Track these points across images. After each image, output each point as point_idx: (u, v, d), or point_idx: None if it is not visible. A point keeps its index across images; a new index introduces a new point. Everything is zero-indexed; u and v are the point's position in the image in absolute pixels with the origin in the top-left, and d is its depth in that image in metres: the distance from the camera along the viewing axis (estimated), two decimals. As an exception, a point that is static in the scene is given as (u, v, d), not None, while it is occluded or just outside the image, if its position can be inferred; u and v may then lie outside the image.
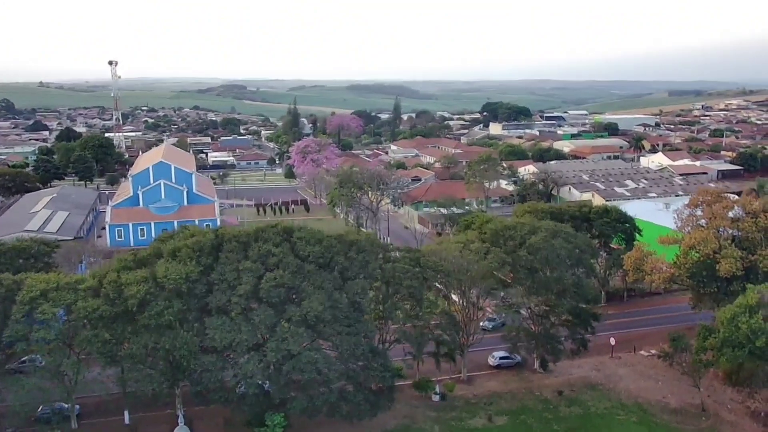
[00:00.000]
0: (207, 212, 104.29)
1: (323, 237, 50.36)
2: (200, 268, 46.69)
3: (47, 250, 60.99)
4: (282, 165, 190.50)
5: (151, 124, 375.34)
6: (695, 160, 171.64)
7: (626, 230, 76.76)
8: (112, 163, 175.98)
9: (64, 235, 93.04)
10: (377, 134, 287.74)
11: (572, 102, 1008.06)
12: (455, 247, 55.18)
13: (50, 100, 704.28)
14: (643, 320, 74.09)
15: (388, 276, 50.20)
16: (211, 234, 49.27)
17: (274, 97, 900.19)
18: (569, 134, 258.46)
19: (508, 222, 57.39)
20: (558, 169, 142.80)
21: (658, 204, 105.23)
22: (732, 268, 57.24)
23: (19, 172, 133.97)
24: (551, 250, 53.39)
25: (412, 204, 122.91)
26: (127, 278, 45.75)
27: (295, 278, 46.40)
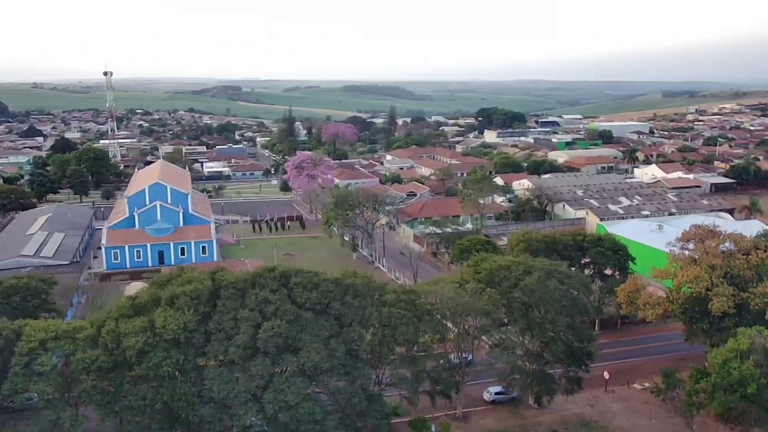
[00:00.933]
0: (203, 233, 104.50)
1: (320, 281, 50.87)
2: (198, 317, 47.04)
3: (44, 287, 61.14)
4: (278, 176, 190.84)
5: (146, 129, 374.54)
6: (689, 172, 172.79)
7: (619, 259, 77.26)
8: (107, 175, 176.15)
9: (60, 260, 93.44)
10: (372, 141, 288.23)
11: (566, 103, 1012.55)
12: (451, 287, 55.66)
13: (44, 101, 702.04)
14: (637, 350, 74.81)
15: (385, 321, 50.80)
16: (209, 281, 49.57)
17: (269, 98, 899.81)
18: (563, 142, 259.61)
19: (503, 262, 57.82)
20: (552, 184, 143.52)
21: (651, 224, 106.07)
22: (723, 306, 57.91)
23: (15, 189, 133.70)
24: (545, 291, 53.88)
25: (408, 222, 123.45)
26: (125, 328, 46.05)
27: (293, 327, 46.86)
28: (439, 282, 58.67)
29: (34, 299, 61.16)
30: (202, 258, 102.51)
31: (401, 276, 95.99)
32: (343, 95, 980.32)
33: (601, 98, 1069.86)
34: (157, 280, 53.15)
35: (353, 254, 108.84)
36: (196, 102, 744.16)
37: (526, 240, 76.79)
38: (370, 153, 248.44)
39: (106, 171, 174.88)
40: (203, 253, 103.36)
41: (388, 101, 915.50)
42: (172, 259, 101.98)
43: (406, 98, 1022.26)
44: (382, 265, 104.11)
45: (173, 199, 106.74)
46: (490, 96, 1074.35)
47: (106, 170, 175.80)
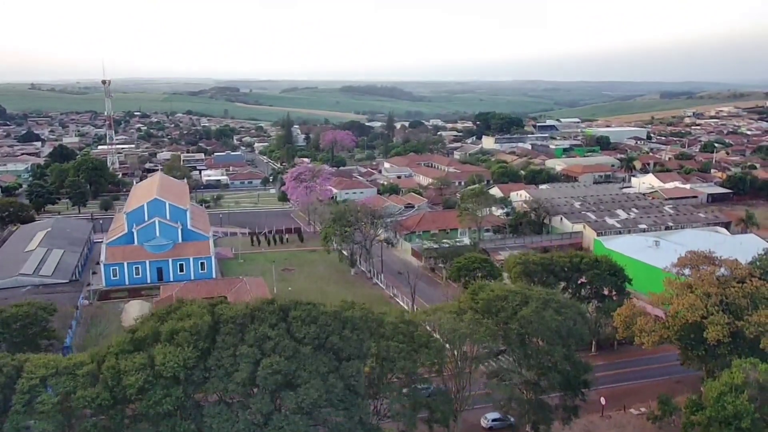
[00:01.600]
0: (202, 250, 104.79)
1: (319, 314, 51.27)
2: (198, 353, 47.46)
3: (44, 315, 61.51)
4: (276, 185, 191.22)
5: (144, 133, 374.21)
6: (686, 181, 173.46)
7: (616, 281, 77.69)
8: (105, 185, 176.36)
9: (59, 278, 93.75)
10: (371, 147, 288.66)
11: (564, 104, 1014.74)
12: (449, 317, 56.04)
13: (42, 103, 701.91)
14: (634, 372, 75.24)
15: (383, 354, 51.20)
16: (208, 316, 49.96)
17: (267, 99, 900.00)
18: (561, 149, 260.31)
19: (500, 291, 58.21)
20: (549, 195, 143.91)
21: (647, 240, 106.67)
22: (719, 335, 58.38)
23: (13, 202, 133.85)
24: (542, 322, 54.34)
25: (405, 235, 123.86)
26: (125, 365, 46.48)
27: (291, 363, 47.30)
28: (438, 311, 59.01)
29: (35, 327, 61.39)
30: (200, 274, 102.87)
31: (399, 293, 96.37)
32: (341, 96, 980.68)
33: (599, 99, 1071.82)
34: (157, 312, 53.51)
35: (351, 270, 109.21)
36: (193, 103, 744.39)
37: (523, 262, 77.21)
38: (368, 160, 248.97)
39: (104, 181, 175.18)
40: (202, 270, 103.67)
41: (386, 102, 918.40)
42: (171, 275, 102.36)
43: (404, 99, 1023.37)
44: (380, 281, 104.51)
45: (172, 215, 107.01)
46: (487, 97, 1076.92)
47: (105, 180, 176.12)
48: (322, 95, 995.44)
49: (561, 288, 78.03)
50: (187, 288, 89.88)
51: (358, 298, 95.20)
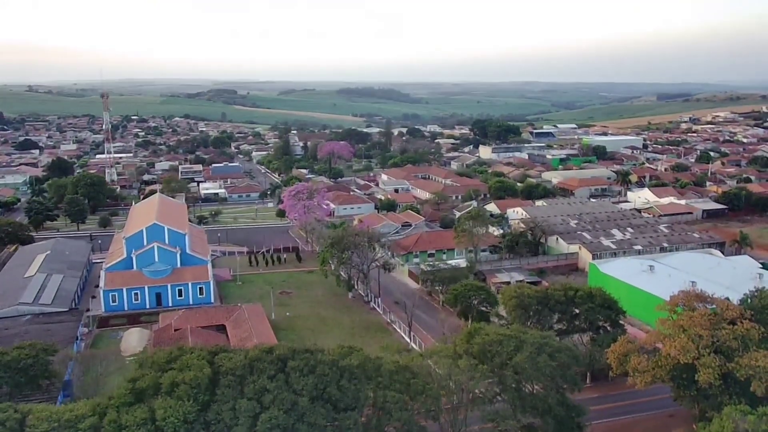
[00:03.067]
0: (200, 275, 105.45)
1: (317, 364, 52.19)
2: (198, 407, 48.33)
3: (45, 359, 62.34)
4: (274, 199, 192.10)
5: (142, 141, 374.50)
6: (681, 196, 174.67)
7: (611, 315, 78.64)
8: (103, 200, 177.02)
9: (59, 306, 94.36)
10: (368, 156, 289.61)
11: (561, 105, 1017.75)
12: (444, 362, 56.95)
13: (39, 106, 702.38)
14: (628, 405, 75.96)
15: (380, 405, 52.12)
16: (208, 368, 50.80)
17: (265, 102, 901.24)
18: (558, 159, 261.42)
19: (495, 336, 59.11)
20: (546, 213, 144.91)
21: (642, 264, 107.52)
22: (710, 378, 59.32)
23: (12, 222, 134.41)
24: (536, 368, 55.31)
25: (402, 256, 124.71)
26: (126, 419, 47.32)
27: (290, 417, 48.26)
28: (434, 354, 59.97)
29: (36, 368, 62.16)
30: (199, 299, 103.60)
31: (397, 319, 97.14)
32: (338, 98, 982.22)
33: (596, 100, 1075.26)
34: (157, 360, 54.23)
35: (349, 293, 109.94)
36: (191, 107, 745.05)
37: (518, 295, 78.11)
38: (365, 171, 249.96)
39: (102, 196, 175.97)
40: (201, 294, 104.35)
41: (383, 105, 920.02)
42: (170, 301, 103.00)
43: (401, 101, 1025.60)
44: (377, 306, 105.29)
45: (171, 239, 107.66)
46: (485, 98, 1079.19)
47: (103, 195, 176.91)
48: (320, 97, 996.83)
49: (555, 320, 79.35)
50: (186, 316, 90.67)
51: (356, 325, 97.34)
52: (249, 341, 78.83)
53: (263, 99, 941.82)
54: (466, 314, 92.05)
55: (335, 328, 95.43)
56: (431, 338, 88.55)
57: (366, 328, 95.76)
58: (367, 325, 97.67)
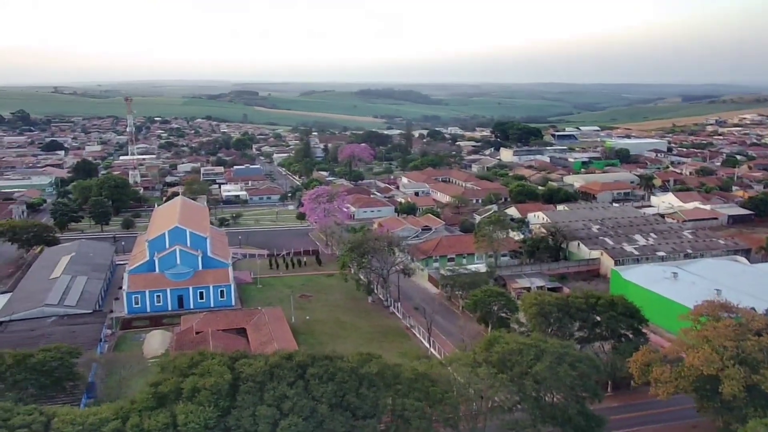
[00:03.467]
0: (221, 278, 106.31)
1: (336, 371, 52.48)
2: (218, 412, 48.83)
3: (69, 361, 63.34)
4: (295, 201, 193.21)
5: (165, 142, 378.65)
6: (706, 201, 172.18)
7: (633, 323, 77.80)
8: (127, 201, 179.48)
9: (83, 308, 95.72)
10: (388, 159, 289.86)
11: (582, 107, 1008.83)
12: (464, 370, 56.85)
13: (64, 107, 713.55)
14: (650, 415, 75.03)
15: (398, 412, 52.17)
16: (228, 374, 51.24)
17: (285, 103, 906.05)
18: (580, 162, 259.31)
19: (515, 345, 58.83)
20: (567, 217, 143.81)
21: (665, 271, 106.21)
22: (734, 390, 58.41)
23: (38, 224, 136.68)
24: (556, 378, 54.98)
25: (422, 260, 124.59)
26: (149, 424, 47.99)
27: (309, 424, 48.57)
28: (453, 362, 59.87)
29: (61, 370, 63.14)
30: (220, 302, 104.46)
31: (416, 324, 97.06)
32: (357, 100, 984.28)
33: (618, 102, 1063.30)
34: (179, 365, 54.80)
35: (368, 297, 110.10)
36: (212, 108, 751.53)
37: (539, 303, 77.63)
38: (386, 174, 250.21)
39: (126, 198, 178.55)
40: (221, 297, 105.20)
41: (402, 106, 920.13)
42: (192, 303, 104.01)
43: (420, 102, 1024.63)
44: (396, 310, 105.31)
45: (192, 242, 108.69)
46: (504, 99, 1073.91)
47: (126, 197, 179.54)
48: (339, 98, 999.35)
49: (576, 327, 78.71)
50: (207, 319, 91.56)
51: (375, 330, 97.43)
52: (269, 345, 79.39)
53: (283, 100, 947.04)
54: (486, 320, 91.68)
55: (354, 332, 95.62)
56: (451, 344, 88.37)
57: (385, 333, 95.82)
58: (387, 330, 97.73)
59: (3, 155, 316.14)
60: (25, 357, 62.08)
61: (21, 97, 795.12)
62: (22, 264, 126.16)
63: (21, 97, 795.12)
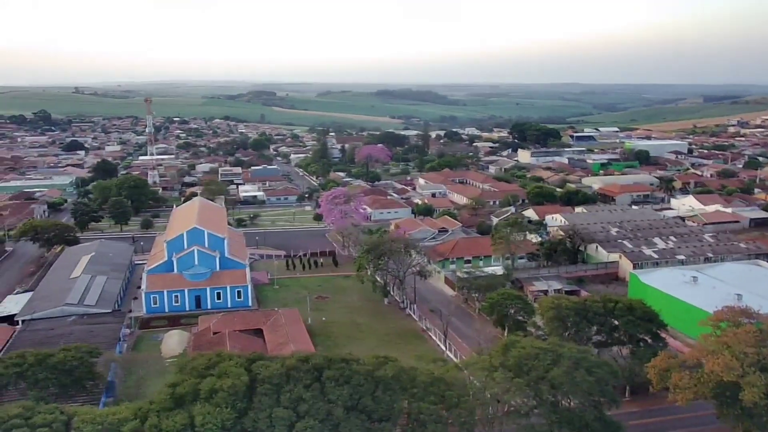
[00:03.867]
0: (238, 278, 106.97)
1: (352, 374, 52.61)
2: (235, 414, 49.18)
3: (89, 361, 64.16)
4: (312, 202, 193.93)
5: (183, 143, 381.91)
6: (727, 204, 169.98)
7: (651, 328, 77.04)
8: (146, 202, 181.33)
9: (103, 307, 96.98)
10: (405, 160, 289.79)
11: (602, 107, 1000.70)
12: (480, 374, 56.72)
13: (85, 107, 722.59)
14: (668, 421, 74.31)
15: (414, 416, 52.20)
16: (245, 376, 51.58)
17: (303, 103, 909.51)
18: (599, 164, 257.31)
19: (531, 349, 58.50)
20: (585, 220, 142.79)
21: (685, 275, 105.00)
22: (755, 397, 57.61)
23: (58, 224, 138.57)
24: (573, 384, 54.60)
25: (439, 262, 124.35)
26: (167, 424, 48.46)
27: (325, 426, 48.78)
28: (469, 366, 59.73)
29: (81, 369, 63.93)
30: (237, 302, 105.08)
31: (432, 326, 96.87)
32: (375, 100, 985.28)
33: (638, 102, 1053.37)
34: (196, 366, 55.28)
35: (384, 299, 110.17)
36: (231, 108, 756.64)
37: (556, 306, 77.15)
38: (403, 175, 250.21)
39: (145, 198, 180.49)
40: (239, 298, 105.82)
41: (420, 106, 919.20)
42: (209, 303, 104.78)
43: (438, 103, 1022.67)
44: (412, 312, 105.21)
45: (210, 243, 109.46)
46: (523, 100, 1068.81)
47: (145, 197, 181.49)
48: (357, 99, 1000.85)
49: (594, 332, 78.08)
50: (224, 320, 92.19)
51: (391, 332, 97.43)
52: (286, 347, 79.69)
53: (301, 100, 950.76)
54: (503, 323, 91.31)
55: (370, 334, 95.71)
56: (467, 347, 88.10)
57: (401, 335, 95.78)
58: (403, 332, 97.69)
59: (25, 155, 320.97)
60: (46, 356, 63.04)
61: (43, 97, 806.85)
62: (43, 263, 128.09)
63: (43, 97, 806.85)
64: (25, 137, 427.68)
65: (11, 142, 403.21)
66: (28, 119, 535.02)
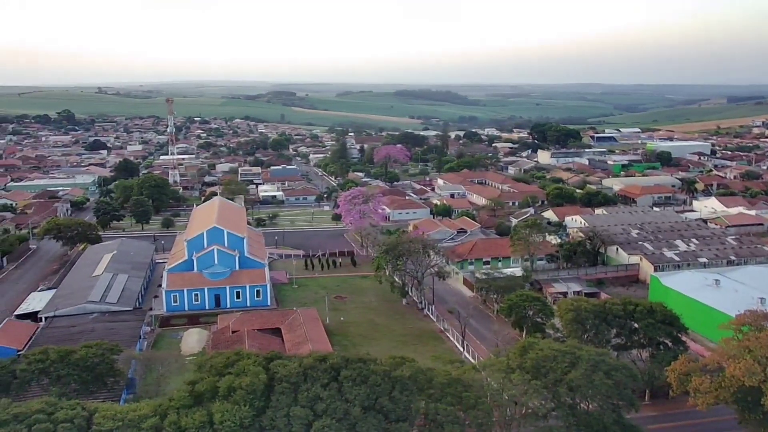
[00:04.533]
0: (257, 278, 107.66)
1: (369, 374, 52.73)
2: (253, 412, 49.58)
3: (110, 358, 65.04)
4: (330, 202, 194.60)
5: (204, 142, 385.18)
6: (751, 206, 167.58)
7: (672, 331, 76.20)
8: (166, 201, 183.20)
9: (124, 305, 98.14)
10: (424, 160, 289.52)
11: (623, 108, 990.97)
12: (497, 376, 56.50)
13: (107, 107, 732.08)
14: (688, 426, 73.43)
15: (431, 417, 52.21)
16: (263, 374, 51.95)
17: (322, 103, 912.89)
18: (619, 165, 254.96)
19: (549, 351, 58.24)
20: (606, 222, 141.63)
21: (707, 278, 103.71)
22: (777, 402, 56.80)
23: (81, 222, 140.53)
24: (592, 386, 54.23)
25: (457, 263, 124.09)
26: (186, 422, 49.00)
27: (342, 426, 48.95)
28: (486, 368, 59.52)
29: (102, 366, 64.79)
30: (256, 302, 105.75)
31: (450, 327, 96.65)
32: (395, 100, 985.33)
33: (661, 103, 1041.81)
34: (215, 364, 55.80)
35: (403, 300, 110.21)
36: (251, 108, 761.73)
37: (575, 309, 76.63)
38: (421, 175, 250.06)
39: (165, 197, 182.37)
40: (257, 297, 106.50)
41: (440, 107, 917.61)
42: (228, 302, 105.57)
43: (458, 103, 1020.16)
44: (431, 313, 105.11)
45: (230, 242, 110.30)
46: (543, 101, 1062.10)
47: (166, 196, 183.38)
48: (377, 99, 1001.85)
49: (613, 334, 77.40)
50: (243, 319, 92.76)
51: (409, 332, 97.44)
52: (304, 346, 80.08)
53: (321, 101, 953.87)
54: (521, 325, 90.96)
55: (388, 334, 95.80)
56: (485, 348, 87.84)
57: (419, 336, 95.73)
58: (420, 332, 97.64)
59: (49, 154, 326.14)
60: (68, 353, 63.95)
61: (66, 97, 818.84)
62: (66, 261, 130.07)
63: (66, 97, 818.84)
64: (49, 137, 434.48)
65: (36, 141, 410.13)
66: (52, 119, 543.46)
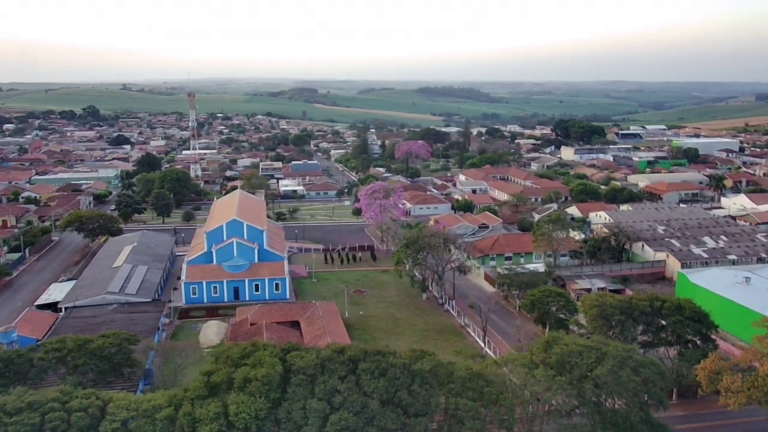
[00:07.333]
0: (276, 271, 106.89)
1: (388, 366, 51.41)
2: (269, 404, 48.52)
3: (128, 348, 64.53)
4: (351, 197, 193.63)
5: (225, 138, 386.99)
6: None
7: (701, 329, 73.73)
8: (188, 195, 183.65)
9: (143, 297, 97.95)
10: (446, 156, 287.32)
11: (649, 105, 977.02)
12: (520, 371, 54.85)
13: (131, 103, 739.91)
14: (718, 427, 71.00)
15: (451, 412, 50.70)
16: (279, 365, 50.89)
17: (344, 100, 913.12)
18: (645, 162, 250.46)
19: (574, 346, 56.36)
20: (631, 218, 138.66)
21: (737, 275, 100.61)
22: (813, 402, 54.42)
23: (103, 215, 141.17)
24: (618, 383, 52.32)
25: (478, 258, 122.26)
26: (200, 413, 48.11)
27: (359, 419, 47.66)
28: (509, 362, 57.87)
29: (119, 356, 64.32)
30: (275, 295, 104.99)
31: (471, 323, 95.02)
32: (417, 97, 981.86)
33: (688, 101, 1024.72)
34: (231, 355, 54.89)
35: (423, 294, 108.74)
36: (273, 105, 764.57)
37: (600, 304, 74.46)
38: (443, 171, 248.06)
39: (186, 191, 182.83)
40: (276, 290, 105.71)
41: (462, 104, 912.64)
42: (247, 295, 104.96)
43: (480, 101, 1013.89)
44: (451, 308, 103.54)
45: (249, 235, 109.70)
46: (567, 98, 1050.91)
47: (187, 190, 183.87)
48: (399, 96, 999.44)
49: (640, 331, 75.11)
50: (262, 311, 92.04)
51: (429, 327, 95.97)
52: (322, 339, 79.00)
53: (343, 98, 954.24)
54: (544, 321, 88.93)
55: (408, 329, 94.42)
56: (506, 344, 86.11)
57: (439, 331, 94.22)
58: (441, 327, 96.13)
59: (74, 149, 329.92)
60: (85, 342, 63.50)
61: (92, 93, 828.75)
62: (87, 253, 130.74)
63: (92, 93, 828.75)
64: (75, 132, 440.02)
65: (61, 136, 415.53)
66: (77, 115, 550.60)
